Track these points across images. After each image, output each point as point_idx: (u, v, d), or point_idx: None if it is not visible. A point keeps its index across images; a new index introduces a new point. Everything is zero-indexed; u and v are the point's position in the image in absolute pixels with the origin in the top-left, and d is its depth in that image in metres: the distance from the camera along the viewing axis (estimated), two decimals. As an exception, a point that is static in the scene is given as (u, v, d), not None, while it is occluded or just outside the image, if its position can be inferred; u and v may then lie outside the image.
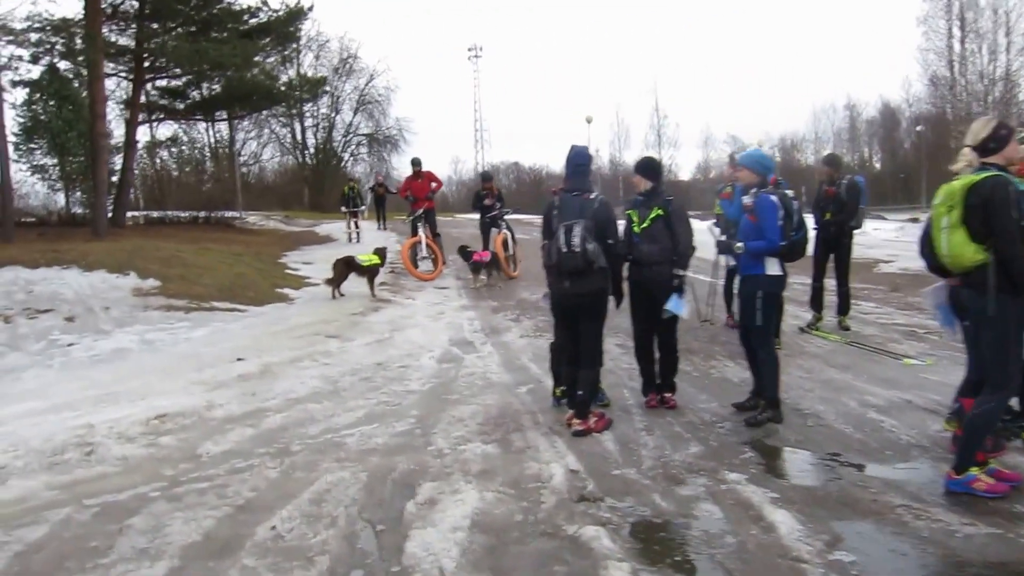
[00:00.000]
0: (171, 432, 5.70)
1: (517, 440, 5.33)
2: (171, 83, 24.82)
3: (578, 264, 5.25)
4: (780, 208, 5.49)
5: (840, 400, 6.17)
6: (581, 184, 5.53)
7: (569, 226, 5.29)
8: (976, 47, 40.66)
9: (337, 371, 7.47)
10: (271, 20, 23.17)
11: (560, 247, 5.29)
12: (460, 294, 12.33)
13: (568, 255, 5.26)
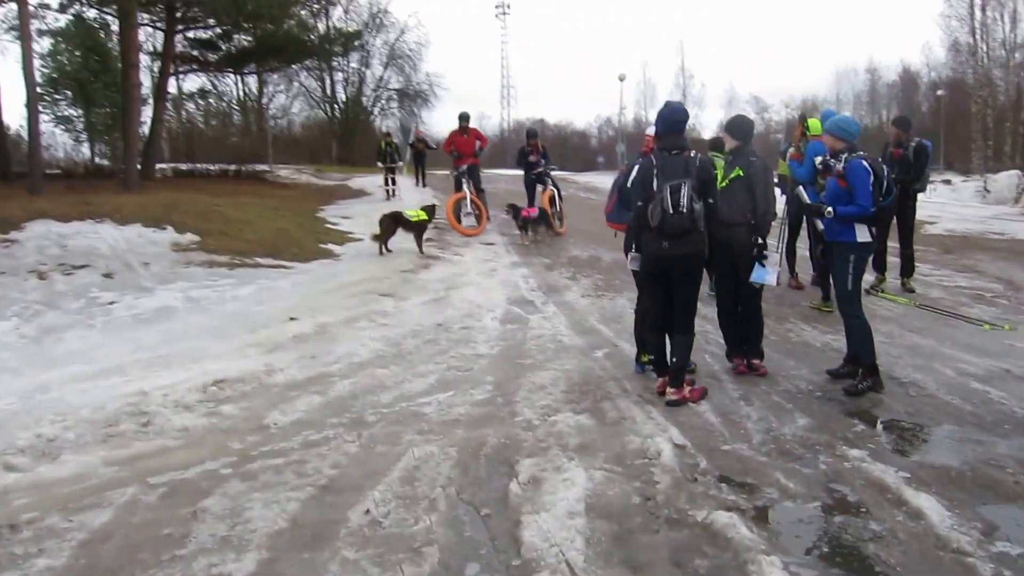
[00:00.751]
0: (231, 400, 5.28)
1: (609, 410, 4.87)
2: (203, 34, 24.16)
3: (684, 225, 4.81)
4: (871, 173, 5.13)
5: (933, 367, 5.69)
6: (678, 142, 5.01)
7: (676, 186, 4.81)
8: (998, 15, 39.56)
9: (397, 332, 7.02)
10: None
11: (667, 208, 4.80)
12: (508, 250, 11.81)
13: (675, 216, 4.80)
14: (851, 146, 5.28)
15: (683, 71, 61.68)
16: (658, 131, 5.14)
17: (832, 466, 4.00)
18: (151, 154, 21.26)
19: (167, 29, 21.76)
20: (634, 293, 8.42)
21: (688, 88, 61.97)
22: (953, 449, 4.22)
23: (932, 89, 50.26)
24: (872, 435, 4.43)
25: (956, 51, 41.70)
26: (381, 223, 11.20)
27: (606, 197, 6.15)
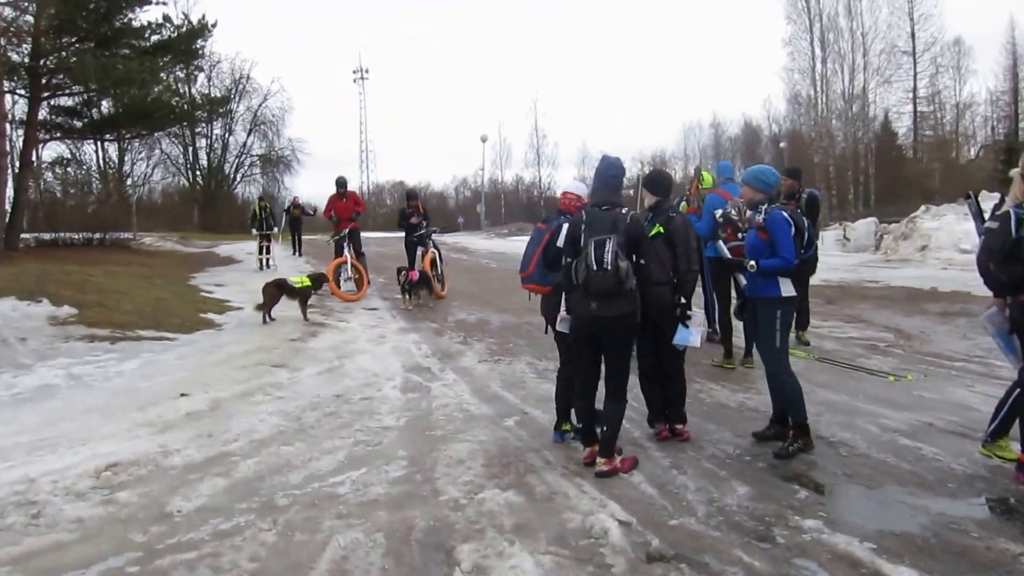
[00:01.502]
0: (127, 485, 4.95)
1: (537, 484, 4.85)
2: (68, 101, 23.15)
3: (610, 284, 4.77)
4: (792, 224, 5.27)
5: (856, 424, 5.95)
6: (611, 198, 5.08)
7: (601, 241, 4.82)
8: (837, 67, 43.09)
9: (295, 405, 6.81)
10: (173, 37, 21.93)
11: (590, 264, 4.83)
12: (394, 315, 11.75)
13: (599, 273, 4.79)
14: (769, 197, 5.37)
15: (537, 131, 63.75)
16: (593, 186, 5.22)
17: (790, 539, 3.95)
18: (16, 224, 19.99)
19: (32, 96, 20.74)
20: (531, 357, 8.70)
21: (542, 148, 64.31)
22: (907, 514, 4.27)
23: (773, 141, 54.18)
24: (818, 502, 4.48)
25: (797, 103, 44.91)
26: (265, 291, 10.90)
27: (475, 256, 6.20)
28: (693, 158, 64.81)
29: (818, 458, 5.18)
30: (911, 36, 41.91)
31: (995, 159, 37.49)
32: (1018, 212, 4.48)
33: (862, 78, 42.58)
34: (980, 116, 45.96)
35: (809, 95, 43.72)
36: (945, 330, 10.20)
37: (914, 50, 42.00)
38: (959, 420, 6.03)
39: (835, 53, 42.74)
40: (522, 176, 68.27)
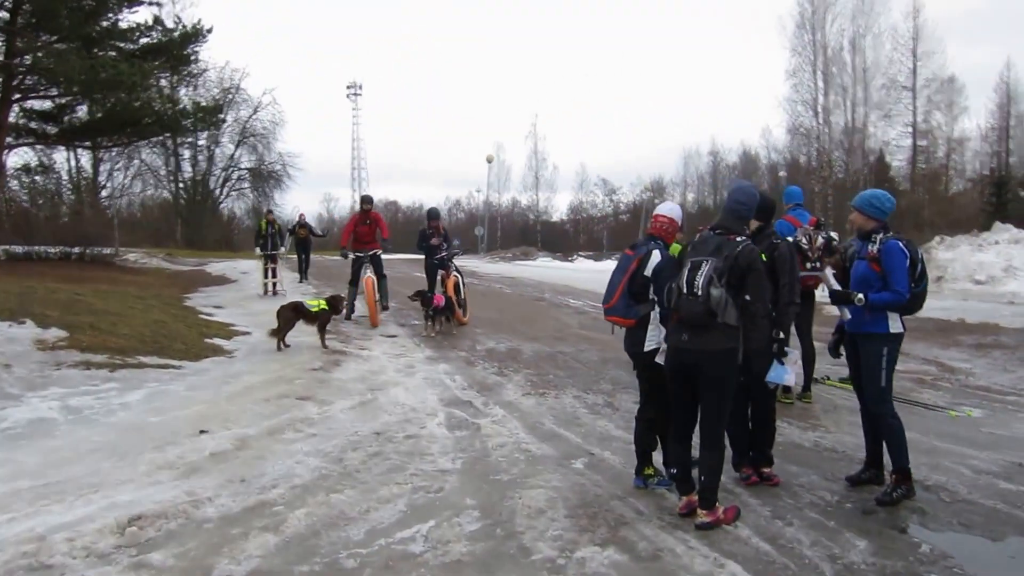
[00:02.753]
0: (159, 543, 4.18)
1: (637, 540, 4.18)
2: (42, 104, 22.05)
3: (699, 312, 4.17)
4: (907, 256, 4.74)
5: (944, 466, 5.43)
6: (730, 224, 4.46)
7: (697, 263, 4.24)
8: (839, 99, 43.26)
9: (333, 444, 6.05)
10: (165, 41, 20.95)
11: (681, 286, 4.24)
12: (417, 343, 10.98)
13: (688, 298, 4.20)
14: (884, 225, 4.88)
15: (536, 154, 63.37)
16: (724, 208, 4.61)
17: None
18: (-16, 236, 18.95)
19: (2, 97, 19.72)
20: (577, 390, 8.00)
21: (540, 171, 63.93)
22: None
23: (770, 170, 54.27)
24: (946, 555, 3.99)
25: (799, 133, 44.92)
26: (280, 315, 10.11)
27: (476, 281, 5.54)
28: (692, 184, 64.97)
29: (923, 504, 4.73)
30: (912, 72, 42.05)
31: (984, 193, 37.57)
32: None
33: (863, 111, 42.66)
34: (971, 151, 46.29)
35: (811, 126, 43.69)
36: (985, 363, 9.67)
37: (914, 86, 42.13)
38: None
39: (837, 86, 42.82)
40: (519, 199, 67.73)
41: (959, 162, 46.52)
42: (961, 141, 45.20)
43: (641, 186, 64.58)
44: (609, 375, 8.86)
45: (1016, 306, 14.68)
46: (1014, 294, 16.36)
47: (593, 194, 68.45)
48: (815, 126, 43.68)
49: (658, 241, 4.90)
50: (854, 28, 42.17)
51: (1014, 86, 43.33)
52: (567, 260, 39.39)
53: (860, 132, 43.02)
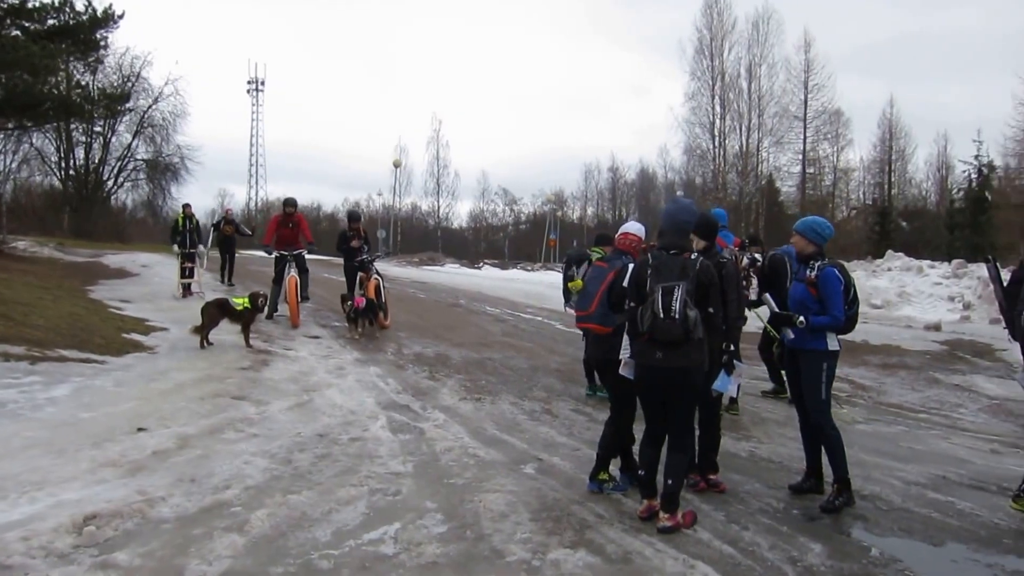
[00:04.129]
0: (120, 543, 4.08)
1: (605, 543, 4.34)
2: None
3: (677, 333, 4.42)
4: (842, 281, 5.12)
5: (875, 477, 5.84)
6: (681, 242, 4.72)
7: (670, 288, 4.46)
8: (736, 124, 45.23)
9: (278, 445, 5.99)
10: (73, 24, 19.89)
11: (657, 312, 4.45)
12: (343, 345, 10.87)
13: (666, 322, 4.43)
14: (821, 251, 5.22)
15: (438, 160, 63.14)
16: (661, 227, 4.83)
17: None
18: None
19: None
20: (512, 396, 8.14)
21: (442, 177, 63.75)
22: (988, 573, 4.21)
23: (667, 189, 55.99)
24: (895, 559, 4.30)
25: (694, 154, 46.55)
26: (205, 312, 9.84)
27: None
28: (592, 199, 66.27)
29: (864, 512, 5.06)
30: (804, 103, 44.38)
31: (868, 222, 40.02)
32: None
33: (756, 136, 44.74)
34: (855, 181, 49.23)
35: (708, 148, 45.39)
36: (893, 381, 10.38)
37: (805, 116, 44.47)
38: (965, 473, 6.09)
39: (734, 111, 44.73)
40: (419, 204, 67.22)
41: (844, 191, 49.49)
42: (846, 171, 48.17)
43: (542, 198, 65.30)
44: (541, 383, 9.05)
45: (914, 330, 15.73)
46: (909, 318, 17.54)
47: (494, 203, 68.78)
48: (711, 148, 45.51)
49: (627, 256, 5.14)
50: (750, 57, 44.27)
51: (896, 122, 46.44)
52: (475, 267, 39.49)
53: (754, 156, 45.10)
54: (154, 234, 43.89)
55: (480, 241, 68.49)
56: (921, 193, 50.78)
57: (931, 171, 50.44)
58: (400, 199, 63.05)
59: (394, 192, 61.11)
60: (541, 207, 64.63)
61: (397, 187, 61.28)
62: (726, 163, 45.17)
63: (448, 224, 67.62)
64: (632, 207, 64.02)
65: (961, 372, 11.21)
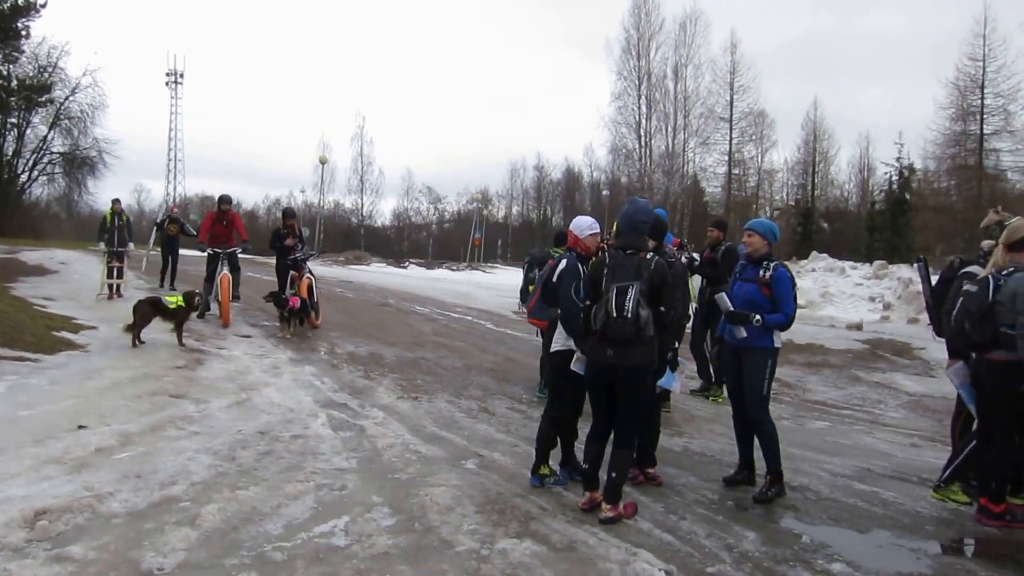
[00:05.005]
0: (73, 537, 4.16)
1: (550, 533, 4.59)
2: None
3: (628, 332, 4.67)
4: (793, 282, 5.50)
5: (804, 469, 6.23)
6: (637, 242, 4.94)
7: (624, 288, 4.70)
8: (662, 124, 46.23)
9: (220, 443, 6.07)
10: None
11: (610, 311, 4.70)
12: (275, 344, 10.88)
13: (619, 320, 4.67)
14: (770, 252, 5.54)
15: (362, 157, 62.59)
16: (619, 228, 5.08)
17: None
18: None
19: None
20: (448, 395, 8.37)
21: (366, 174, 63.19)
22: (911, 556, 4.57)
23: (593, 188, 56.75)
24: (825, 545, 4.63)
25: (621, 154, 47.37)
26: (137, 310, 9.73)
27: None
28: (517, 198, 66.61)
29: (794, 502, 5.41)
30: (729, 104, 45.75)
31: (791, 223, 41.63)
32: (996, 278, 4.88)
33: (682, 137, 45.92)
34: (779, 182, 51.00)
35: (634, 147, 46.27)
36: (816, 379, 11.00)
37: (731, 117, 45.87)
38: (888, 465, 6.57)
39: (660, 111, 45.72)
40: (342, 202, 66.35)
41: (768, 192, 51.17)
42: (771, 172, 49.83)
43: (468, 196, 65.29)
44: (476, 381, 9.28)
45: (837, 329, 16.54)
46: (832, 318, 18.43)
47: (418, 201, 68.57)
48: (637, 148, 46.36)
49: (574, 252, 5.41)
50: (677, 58, 45.38)
51: (819, 123, 48.27)
52: (401, 266, 39.44)
53: (680, 157, 46.13)
54: (69, 231, 42.32)
55: (404, 240, 68.18)
56: (843, 195, 53.02)
57: (853, 173, 52.74)
58: (324, 196, 62.31)
59: (319, 189, 60.31)
60: (466, 205, 64.77)
61: (322, 184, 60.57)
62: (652, 163, 46.11)
63: (372, 222, 67.16)
64: (558, 206, 64.57)
65: (882, 370, 11.95)
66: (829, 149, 49.85)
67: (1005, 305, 4.78)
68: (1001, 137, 37.64)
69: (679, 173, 45.96)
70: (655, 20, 45.44)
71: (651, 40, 45.53)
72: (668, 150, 45.90)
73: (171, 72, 66.15)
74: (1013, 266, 4.89)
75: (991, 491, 5.08)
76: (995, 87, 37.52)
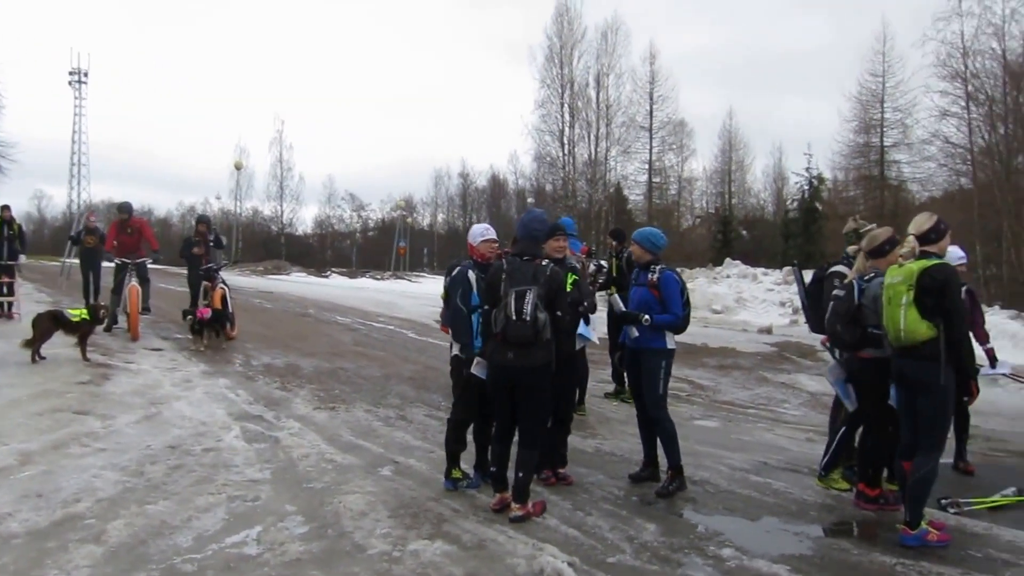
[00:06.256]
0: (-33, 560, 3.99)
1: (459, 532, 4.69)
2: None
3: (527, 334, 4.83)
4: (680, 283, 5.73)
5: (706, 464, 6.50)
6: (532, 249, 5.15)
7: (522, 292, 4.86)
8: (585, 132, 46.77)
9: (128, 458, 5.93)
10: None
11: (510, 314, 4.84)
12: (188, 357, 10.62)
13: (518, 323, 4.82)
14: (657, 258, 5.79)
15: (281, 163, 61.37)
16: (517, 236, 5.23)
17: (720, 567, 4.34)
18: None
19: None
20: (367, 404, 8.35)
21: (286, 180, 62.00)
22: (795, 540, 4.86)
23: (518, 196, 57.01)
24: (719, 533, 4.87)
25: (544, 162, 47.69)
26: (36, 324, 9.36)
27: None
28: (442, 205, 66.43)
29: (694, 495, 5.67)
30: (649, 114, 46.71)
31: (711, 230, 42.83)
32: (860, 283, 5.29)
33: (605, 145, 46.39)
34: (699, 190, 52.37)
35: (557, 155, 46.61)
36: (728, 381, 11.38)
37: (651, 126, 46.81)
38: (783, 458, 6.92)
39: (582, 120, 46.11)
40: (261, 209, 64.69)
41: (689, 200, 52.47)
42: (690, 180, 51.21)
43: (392, 203, 64.66)
44: (395, 390, 9.27)
45: (749, 333, 17.12)
46: (746, 323, 19.07)
47: (341, 208, 67.59)
48: (561, 156, 46.74)
49: (470, 260, 5.57)
50: (598, 66, 45.70)
51: (735, 133, 49.82)
52: (322, 276, 38.91)
53: (602, 165, 46.71)
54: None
55: (326, 248, 67.05)
56: (759, 203, 54.96)
57: (768, 182, 54.72)
58: (241, 203, 60.82)
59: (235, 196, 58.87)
60: (390, 213, 64.17)
61: (238, 191, 59.16)
62: (575, 171, 46.42)
63: (293, 230, 65.85)
64: (483, 213, 64.66)
65: (787, 371, 12.44)
66: (745, 158, 51.70)
67: (869, 308, 5.15)
68: (900, 149, 39.49)
69: (602, 181, 46.54)
70: (577, 29, 45.83)
71: (573, 48, 45.89)
72: (591, 158, 46.38)
73: (75, 71, 63.66)
74: (873, 271, 5.25)
75: (867, 477, 5.45)
76: (894, 101, 39.41)
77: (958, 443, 6.39)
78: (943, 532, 4.71)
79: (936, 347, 4.52)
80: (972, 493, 5.69)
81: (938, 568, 4.35)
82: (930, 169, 34.08)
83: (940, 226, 4.72)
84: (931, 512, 4.94)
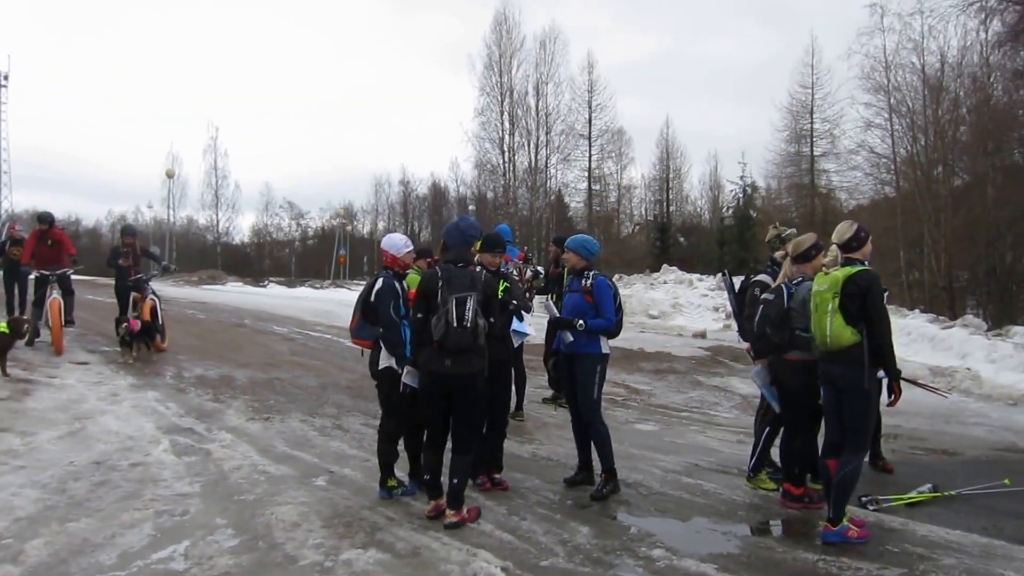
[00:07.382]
0: None
1: (393, 540, 4.68)
2: None
3: (467, 341, 4.84)
4: (612, 289, 5.82)
5: (640, 467, 6.60)
6: (465, 256, 5.18)
7: (463, 299, 4.86)
8: (524, 140, 47.00)
9: (49, 475, 5.74)
10: None
11: (451, 321, 4.83)
12: (115, 370, 10.30)
13: (459, 330, 4.83)
14: (591, 264, 5.87)
15: (216, 170, 59.82)
16: (448, 243, 5.26)
17: (650, 567, 4.42)
18: None
19: None
20: (301, 414, 8.27)
21: (221, 188, 60.52)
22: (723, 539, 4.99)
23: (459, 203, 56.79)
24: (650, 534, 4.96)
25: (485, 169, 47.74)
26: (-47, 339, 8.98)
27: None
28: (383, 213, 65.61)
29: (627, 497, 5.76)
30: (588, 122, 47.12)
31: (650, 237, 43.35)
32: (788, 287, 5.45)
33: (545, 153, 46.64)
34: (637, 198, 53.02)
35: (498, 163, 46.66)
36: (662, 385, 11.54)
37: (590, 134, 47.29)
38: (714, 460, 7.08)
39: (523, 127, 46.29)
40: (196, 218, 62.90)
41: (628, 207, 53.13)
42: (629, 188, 51.90)
43: (331, 211, 63.60)
44: (331, 399, 9.16)
45: (684, 338, 17.38)
46: (681, 327, 19.37)
47: (279, 216, 66.19)
48: (502, 164, 46.85)
49: (390, 271, 5.56)
50: (537, 75, 45.96)
51: (672, 142, 50.61)
52: (259, 285, 38.13)
53: (543, 172, 46.98)
54: None
55: (264, 258, 65.66)
56: (696, 210, 55.85)
57: (704, 189, 55.59)
58: (174, 212, 59.24)
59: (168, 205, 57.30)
60: (330, 221, 63.12)
61: (171, 199, 57.62)
62: (516, 178, 46.59)
63: (229, 240, 64.23)
64: (425, 221, 64.10)
65: (720, 375, 12.67)
66: (682, 166, 52.46)
67: (797, 311, 5.30)
68: (829, 158, 40.74)
69: (542, 189, 46.80)
70: (516, 37, 46.03)
71: (512, 57, 46.06)
72: (531, 166, 46.60)
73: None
74: (800, 276, 5.43)
75: (793, 476, 5.62)
76: (822, 113, 40.79)
77: (873, 443, 6.62)
78: (863, 528, 4.87)
79: (860, 351, 4.68)
80: (890, 490, 5.90)
81: (857, 563, 4.49)
82: (857, 178, 35.08)
83: (860, 234, 4.88)
84: (852, 509, 5.10)
